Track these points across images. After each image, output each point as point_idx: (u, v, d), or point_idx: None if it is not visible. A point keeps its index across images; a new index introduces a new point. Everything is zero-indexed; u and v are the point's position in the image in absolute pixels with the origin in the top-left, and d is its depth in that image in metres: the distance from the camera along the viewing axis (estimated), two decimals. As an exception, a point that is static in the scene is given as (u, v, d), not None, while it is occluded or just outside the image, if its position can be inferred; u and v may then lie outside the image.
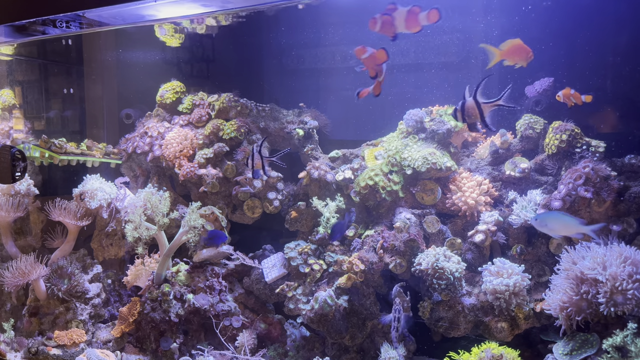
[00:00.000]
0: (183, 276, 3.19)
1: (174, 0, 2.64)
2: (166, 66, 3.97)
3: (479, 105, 2.13)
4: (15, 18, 2.91)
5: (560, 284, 2.40)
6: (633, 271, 2.18)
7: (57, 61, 4.17)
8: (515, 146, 2.99)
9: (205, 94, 3.70)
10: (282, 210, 3.33)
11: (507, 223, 2.82)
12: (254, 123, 3.46)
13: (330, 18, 3.40)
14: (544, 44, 2.90)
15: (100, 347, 3.20)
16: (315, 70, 3.56)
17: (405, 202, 3.04)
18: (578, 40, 2.82)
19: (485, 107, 2.16)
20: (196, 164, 3.38)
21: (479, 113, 2.14)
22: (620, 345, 2.21)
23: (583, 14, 2.80)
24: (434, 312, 2.80)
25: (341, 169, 3.21)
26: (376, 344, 2.90)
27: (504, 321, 2.65)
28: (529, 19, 2.90)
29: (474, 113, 2.16)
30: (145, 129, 3.63)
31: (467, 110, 2.16)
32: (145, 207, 3.18)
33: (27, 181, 3.63)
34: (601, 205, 2.57)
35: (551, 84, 2.91)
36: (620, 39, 2.79)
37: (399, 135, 3.17)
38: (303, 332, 3.19)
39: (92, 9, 2.70)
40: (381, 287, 3.00)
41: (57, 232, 3.61)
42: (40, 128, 4.08)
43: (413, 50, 3.23)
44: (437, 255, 2.75)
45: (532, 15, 2.89)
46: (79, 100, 4.16)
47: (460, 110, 2.19)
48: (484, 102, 2.15)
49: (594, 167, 2.56)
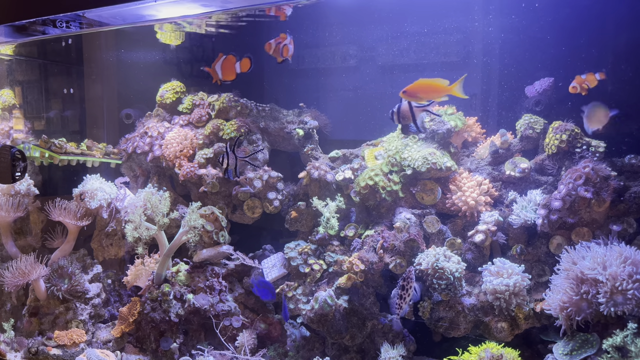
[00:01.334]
0: (183, 276, 3.19)
1: (174, 0, 2.64)
2: (166, 66, 3.97)
3: (412, 109, 2.37)
4: (15, 18, 2.91)
5: (560, 284, 2.40)
6: (633, 271, 2.18)
7: (57, 61, 4.17)
8: (515, 146, 2.99)
9: (205, 94, 3.70)
10: (282, 210, 3.33)
11: (507, 223, 2.82)
12: (254, 123, 3.46)
13: (330, 18, 3.40)
14: (544, 44, 2.90)
15: (100, 347, 3.20)
16: (315, 70, 3.56)
17: (405, 202, 3.04)
18: (578, 40, 2.82)
19: (417, 111, 2.41)
20: (196, 164, 3.38)
21: (412, 116, 2.39)
22: (620, 345, 2.21)
23: (583, 14, 2.80)
24: (434, 312, 2.80)
25: (341, 169, 3.21)
26: (376, 344, 2.90)
27: (504, 321, 2.65)
28: (529, 19, 2.90)
29: (407, 116, 2.41)
30: (145, 129, 3.63)
31: (402, 112, 2.40)
32: (145, 207, 3.18)
33: (27, 181, 3.63)
34: (601, 205, 2.57)
35: (551, 84, 2.91)
36: (621, 39, 2.79)
37: (399, 135, 3.17)
38: (303, 332, 3.19)
39: (92, 9, 2.69)
40: (381, 287, 3.00)
41: (57, 232, 3.61)
42: (40, 128, 4.08)
43: (413, 50, 3.23)
44: (437, 255, 2.75)
45: (532, 15, 2.89)
46: (79, 100, 4.16)
47: (396, 113, 2.43)
48: (417, 106, 2.40)
49: (594, 167, 2.56)
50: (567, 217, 2.62)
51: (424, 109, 2.45)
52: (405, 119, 2.42)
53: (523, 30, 2.94)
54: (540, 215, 2.68)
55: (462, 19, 3.08)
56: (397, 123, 2.49)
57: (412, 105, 2.38)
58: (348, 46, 3.43)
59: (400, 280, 2.66)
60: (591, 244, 2.43)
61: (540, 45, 2.93)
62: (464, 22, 3.09)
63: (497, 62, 3.08)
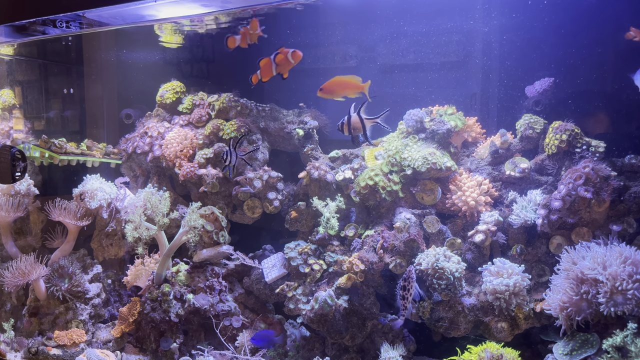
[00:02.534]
0: (183, 276, 3.19)
1: (174, 0, 2.64)
2: (166, 66, 3.97)
3: (362, 120, 2.47)
4: (15, 18, 2.91)
5: (560, 284, 2.40)
6: (633, 271, 2.18)
7: (57, 61, 4.17)
8: (515, 146, 2.99)
9: (205, 94, 3.70)
10: (282, 210, 3.33)
11: (507, 223, 2.82)
12: (254, 123, 3.46)
13: (330, 18, 3.40)
14: (544, 43, 2.90)
15: (100, 347, 3.20)
16: (316, 70, 3.56)
17: (405, 202, 3.04)
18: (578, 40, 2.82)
19: (367, 122, 2.50)
20: (196, 164, 3.38)
21: (362, 127, 2.49)
22: (620, 345, 2.21)
23: (583, 14, 2.80)
24: (434, 312, 2.80)
25: (341, 169, 3.21)
26: (376, 344, 2.90)
27: (504, 321, 2.65)
28: (529, 19, 2.91)
29: (358, 127, 2.50)
30: (145, 129, 3.63)
31: (352, 124, 2.49)
32: (145, 207, 3.18)
33: (27, 181, 3.63)
34: (601, 205, 2.57)
35: (551, 84, 2.91)
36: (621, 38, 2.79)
37: (399, 135, 3.17)
38: (303, 332, 3.19)
39: (92, 9, 2.70)
40: (381, 287, 3.00)
41: (57, 232, 3.61)
42: (40, 128, 4.08)
43: (413, 50, 3.23)
44: (437, 255, 2.75)
45: (532, 14, 2.89)
46: (79, 100, 4.16)
47: (346, 124, 2.51)
48: (367, 117, 2.50)
49: (594, 167, 2.56)
50: (567, 217, 2.62)
51: (374, 120, 2.53)
52: (356, 130, 2.50)
53: (523, 30, 2.94)
54: (540, 215, 2.68)
55: (462, 19, 3.09)
56: (347, 134, 2.57)
57: (362, 117, 2.48)
58: (348, 46, 3.43)
59: (401, 281, 2.66)
60: (591, 244, 2.43)
61: (541, 45, 2.93)
62: (464, 22, 3.09)
63: (497, 62, 3.09)
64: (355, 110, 2.54)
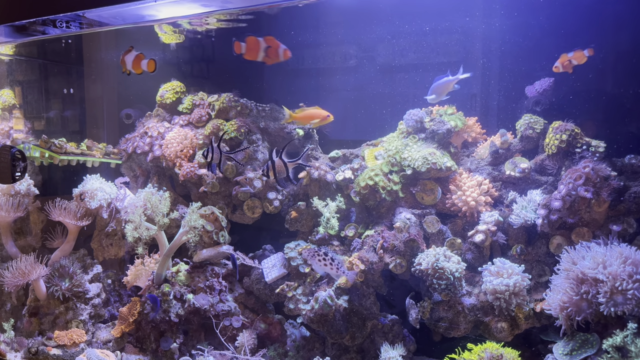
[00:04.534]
0: (183, 276, 3.19)
1: (174, 0, 2.64)
2: (166, 66, 3.97)
3: (285, 164, 2.72)
4: (15, 18, 2.91)
5: (561, 284, 2.40)
6: (633, 271, 2.18)
7: (57, 61, 4.17)
8: (515, 146, 2.99)
9: (205, 94, 3.70)
10: (282, 210, 3.33)
11: (507, 223, 2.82)
12: (254, 123, 3.46)
13: (330, 18, 3.40)
14: (545, 43, 2.90)
15: (100, 347, 3.20)
16: (315, 70, 3.56)
17: (405, 202, 3.04)
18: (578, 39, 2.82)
19: (290, 165, 2.73)
20: (196, 164, 3.38)
21: (285, 169, 2.73)
22: (620, 345, 2.21)
23: (583, 13, 2.80)
24: (434, 312, 2.80)
25: (341, 169, 3.21)
26: (376, 344, 2.90)
27: (504, 321, 2.65)
28: (529, 18, 2.90)
29: (282, 170, 2.73)
30: (145, 129, 3.63)
31: (277, 168, 2.72)
32: (145, 207, 3.18)
33: (27, 181, 3.63)
34: (601, 205, 2.57)
35: (551, 84, 2.91)
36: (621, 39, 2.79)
37: (399, 135, 3.17)
38: (303, 332, 3.19)
39: (92, 9, 2.70)
40: (381, 287, 3.00)
41: (57, 232, 3.61)
42: (40, 128, 4.08)
43: (413, 50, 3.23)
44: (437, 255, 2.75)
45: (533, 14, 2.89)
46: (79, 100, 4.16)
47: (272, 169, 2.73)
48: (289, 161, 2.73)
49: (594, 167, 2.56)
50: (567, 217, 2.62)
51: (295, 162, 2.75)
52: (281, 173, 2.73)
53: (523, 30, 2.93)
54: (540, 215, 2.68)
55: (462, 19, 3.08)
56: (271, 178, 2.78)
57: (285, 160, 2.71)
58: (348, 46, 3.43)
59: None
60: (591, 244, 2.43)
61: (541, 45, 2.93)
62: (464, 22, 3.09)
63: (497, 62, 3.09)
64: (277, 155, 2.74)
